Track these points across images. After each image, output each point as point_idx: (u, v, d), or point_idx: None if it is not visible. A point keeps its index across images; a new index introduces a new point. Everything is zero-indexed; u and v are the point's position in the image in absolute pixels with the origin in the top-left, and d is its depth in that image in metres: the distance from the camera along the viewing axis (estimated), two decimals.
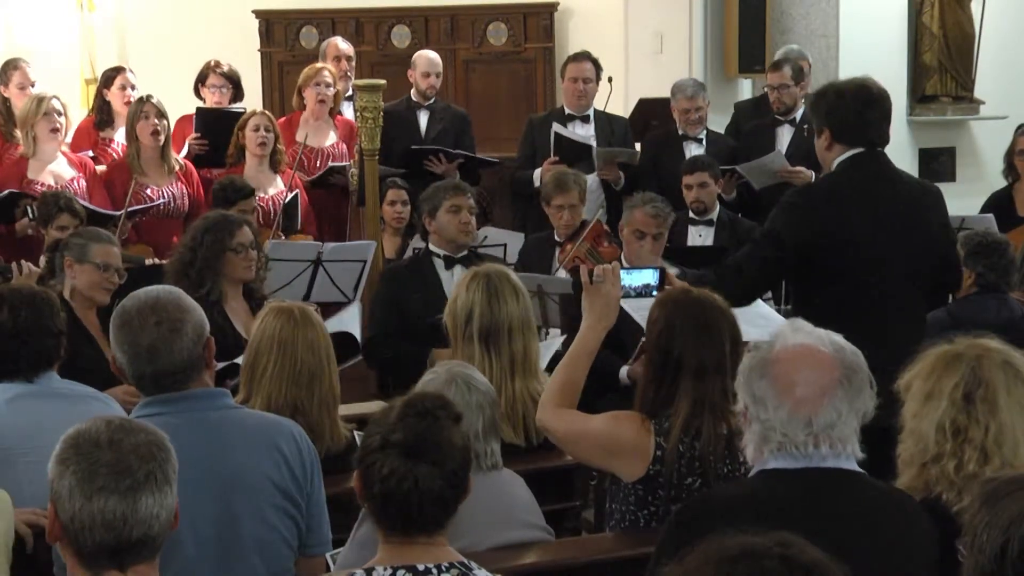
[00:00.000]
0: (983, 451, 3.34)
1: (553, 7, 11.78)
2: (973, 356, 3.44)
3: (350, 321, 6.33)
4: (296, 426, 3.88)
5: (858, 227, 5.07)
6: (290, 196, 8.34)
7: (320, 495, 3.84)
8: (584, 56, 9.23)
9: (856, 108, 5.13)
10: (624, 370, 6.32)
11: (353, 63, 9.70)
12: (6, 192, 7.77)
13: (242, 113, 8.77)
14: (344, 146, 9.18)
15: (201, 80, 9.30)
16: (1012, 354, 3.47)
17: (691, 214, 8.21)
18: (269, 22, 11.99)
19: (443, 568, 3.10)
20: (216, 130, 8.76)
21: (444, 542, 3.17)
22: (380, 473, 3.09)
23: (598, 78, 9.19)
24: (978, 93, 12.46)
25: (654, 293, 4.57)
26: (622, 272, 4.46)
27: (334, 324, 6.16)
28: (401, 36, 11.84)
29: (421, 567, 3.09)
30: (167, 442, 2.83)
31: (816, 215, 5.11)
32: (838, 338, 3.19)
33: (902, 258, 5.13)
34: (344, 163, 8.99)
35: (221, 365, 5.19)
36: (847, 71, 8.07)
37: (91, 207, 7.71)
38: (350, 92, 9.25)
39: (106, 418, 2.87)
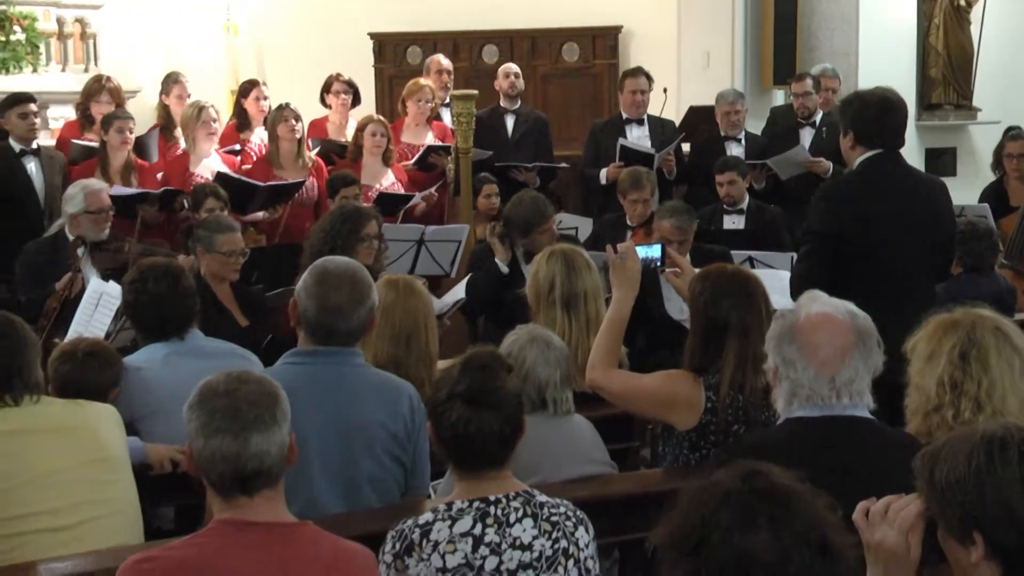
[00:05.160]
0: (976, 402, 3.29)
1: (617, 30, 11.78)
2: (968, 322, 3.39)
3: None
4: (413, 390, 3.87)
5: (877, 217, 5.01)
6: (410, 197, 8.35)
7: (424, 447, 3.80)
8: (639, 71, 9.21)
9: (876, 115, 5.06)
10: None
11: (452, 76, 9.67)
12: (162, 189, 7.82)
13: (345, 146, 8.78)
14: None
15: (326, 88, 9.29)
16: (1002, 320, 3.42)
17: (724, 205, 8.19)
18: (381, 43, 12.08)
19: (511, 497, 3.11)
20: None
21: (509, 475, 3.17)
22: (449, 420, 3.10)
23: (651, 88, 9.17)
24: (976, 102, 12.43)
25: (659, 264, 4.57)
26: (636, 248, 4.42)
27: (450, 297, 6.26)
28: (490, 54, 11.88)
29: (492, 498, 3.10)
30: (278, 390, 2.84)
31: (842, 208, 5.06)
32: (851, 306, 3.22)
33: (915, 241, 5.06)
34: (443, 143, 8.91)
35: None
36: (866, 83, 8.07)
37: (244, 179, 7.84)
38: (448, 100, 9.24)
39: (227, 371, 2.89)
